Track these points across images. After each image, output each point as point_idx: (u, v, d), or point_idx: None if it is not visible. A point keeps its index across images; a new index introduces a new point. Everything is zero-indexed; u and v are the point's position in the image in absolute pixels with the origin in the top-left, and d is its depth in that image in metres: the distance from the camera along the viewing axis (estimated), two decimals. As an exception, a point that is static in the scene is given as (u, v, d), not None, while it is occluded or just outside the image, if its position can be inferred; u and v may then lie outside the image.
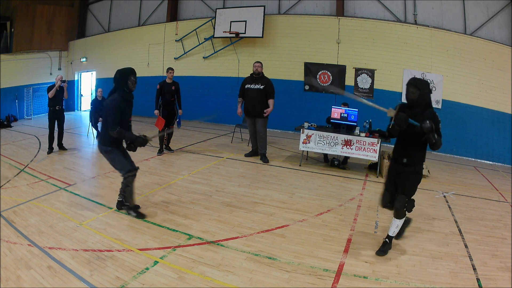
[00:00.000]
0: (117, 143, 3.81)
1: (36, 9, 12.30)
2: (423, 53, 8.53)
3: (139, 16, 12.59)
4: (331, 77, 9.45)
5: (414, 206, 3.32)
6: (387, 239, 3.29)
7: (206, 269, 2.89)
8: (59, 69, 13.38)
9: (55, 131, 6.90)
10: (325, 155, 6.67)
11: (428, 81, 8.44)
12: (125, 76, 3.63)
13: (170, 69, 6.81)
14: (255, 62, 6.45)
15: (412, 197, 3.26)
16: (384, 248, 3.26)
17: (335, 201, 4.66)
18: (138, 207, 3.97)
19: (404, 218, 3.26)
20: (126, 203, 3.91)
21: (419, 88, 3.05)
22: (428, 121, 2.91)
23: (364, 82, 9.10)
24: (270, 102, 6.30)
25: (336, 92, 5.87)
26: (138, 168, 3.91)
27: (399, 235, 3.56)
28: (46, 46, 12.87)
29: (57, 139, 6.97)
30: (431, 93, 3.26)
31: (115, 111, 3.56)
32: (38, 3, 12.33)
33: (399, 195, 3.21)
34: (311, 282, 2.75)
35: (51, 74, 12.88)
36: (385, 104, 3.30)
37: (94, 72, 13.44)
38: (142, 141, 3.64)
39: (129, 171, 3.75)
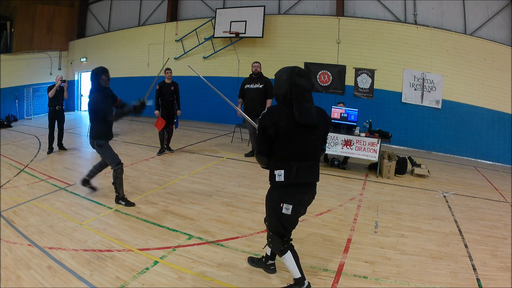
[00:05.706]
0: (108, 137, 4.20)
1: (36, 9, 12.30)
2: (423, 53, 8.53)
3: (139, 16, 12.59)
4: (331, 77, 9.45)
5: (278, 243, 2.40)
6: (295, 285, 2.50)
7: (206, 269, 2.89)
8: (59, 69, 13.38)
9: (55, 131, 6.91)
10: (325, 155, 6.66)
11: (428, 80, 8.46)
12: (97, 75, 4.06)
13: (167, 70, 6.82)
14: (254, 62, 6.50)
15: (272, 231, 2.42)
16: None
17: (335, 201, 4.66)
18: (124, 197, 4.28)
19: (288, 252, 2.43)
20: (116, 193, 4.23)
21: None
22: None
23: (364, 82, 9.10)
24: (268, 102, 6.30)
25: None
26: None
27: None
28: (46, 46, 12.87)
29: (57, 139, 6.97)
30: None
31: (103, 101, 4.06)
32: (38, 3, 12.32)
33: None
34: (311, 282, 2.74)
35: (51, 74, 12.88)
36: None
37: (94, 72, 13.43)
38: (141, 104, 3.96)
39: (118, 163, 4.15)
